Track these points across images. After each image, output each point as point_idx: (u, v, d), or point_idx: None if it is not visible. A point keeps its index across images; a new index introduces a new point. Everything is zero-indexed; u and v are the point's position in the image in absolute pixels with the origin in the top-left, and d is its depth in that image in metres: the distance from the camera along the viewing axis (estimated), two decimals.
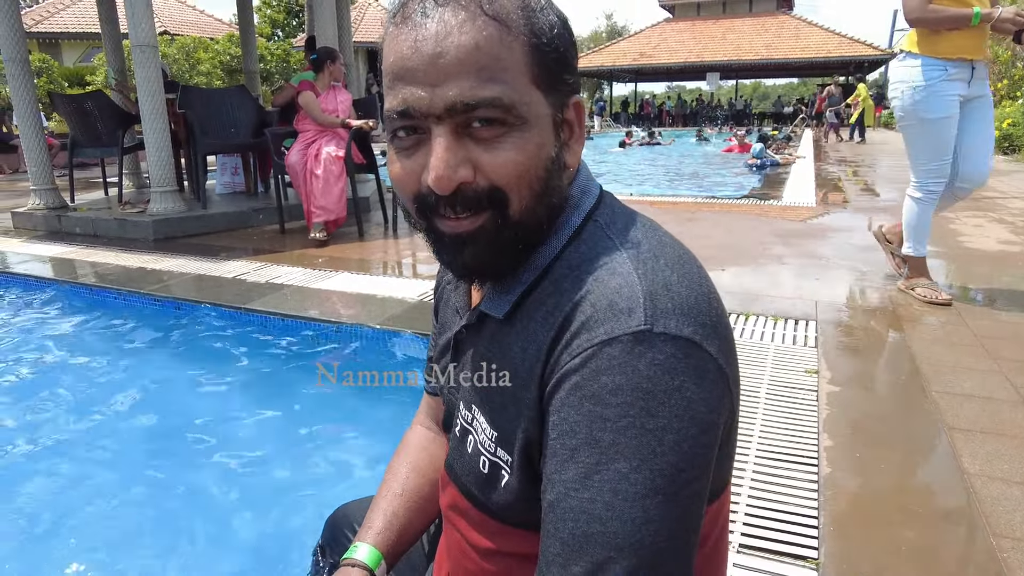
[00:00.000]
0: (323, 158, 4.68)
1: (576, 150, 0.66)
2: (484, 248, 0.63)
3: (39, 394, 2.65)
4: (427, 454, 0.95)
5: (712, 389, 0.56)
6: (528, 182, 0.60)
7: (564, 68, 0.62)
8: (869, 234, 4.93)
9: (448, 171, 0.58)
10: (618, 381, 0.53)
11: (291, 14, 27.82)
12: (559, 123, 0.62)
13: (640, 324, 0.54)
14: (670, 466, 0.52)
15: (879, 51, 26.46)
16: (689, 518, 0.54)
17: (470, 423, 0.71)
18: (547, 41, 0.60)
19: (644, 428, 0.53)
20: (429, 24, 0.57)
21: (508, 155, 0.59)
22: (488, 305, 0.68)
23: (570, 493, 0.54)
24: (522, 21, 0.59)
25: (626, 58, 30.64)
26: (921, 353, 2.52)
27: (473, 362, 0.71)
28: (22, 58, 5.55)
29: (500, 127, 0.58)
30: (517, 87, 0.58)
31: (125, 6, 4.83)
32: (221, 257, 4.33)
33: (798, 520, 1.55)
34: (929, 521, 1.55)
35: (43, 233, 5.52)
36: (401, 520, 0.88)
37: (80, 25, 20.94)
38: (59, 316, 3.58)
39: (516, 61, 0.58)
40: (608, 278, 0.58)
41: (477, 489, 0.70)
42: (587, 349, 0.55)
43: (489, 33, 0.57)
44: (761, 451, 1.84)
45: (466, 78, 0.56)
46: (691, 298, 0.58)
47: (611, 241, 0.62)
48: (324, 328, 2.98)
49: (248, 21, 8.24)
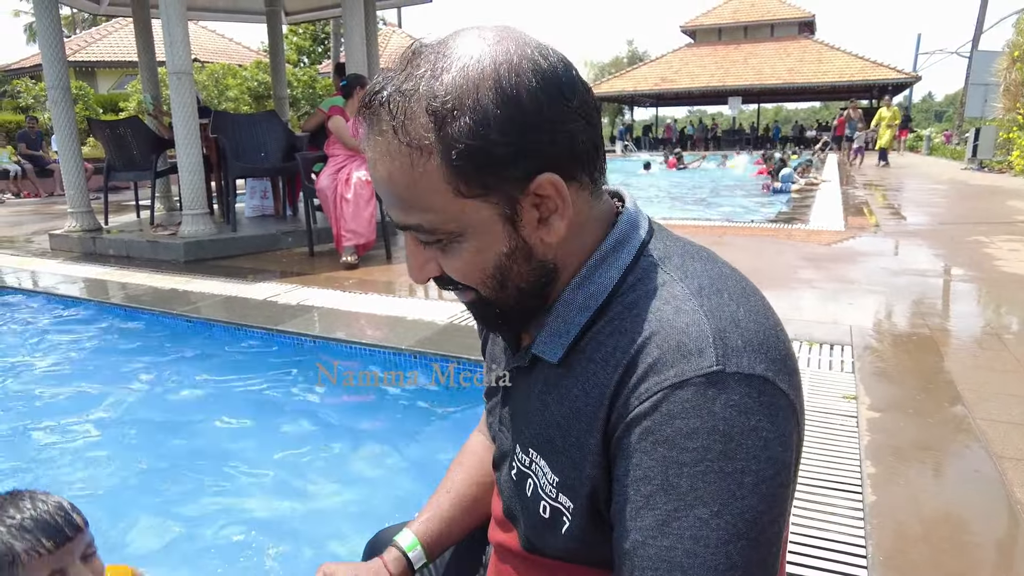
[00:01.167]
0: (353, 182, 4.75)
1: (556, 225, 0.60)
2: (482, 314, 0.68)
3: (72, 411, 2.69)
4: (478, 459, 0.96)
5: (785, 426, 0.55)
6: (479, 280, 0.62)
7: (502, 165, 0.56)
8: (900, 258, 4.87)
9: (414, 273, 0.65)
10: (693, 425, 0.52)
11: (317, 41, 28.46)
12: (513, 215, 0.58)
13: (712, 365, 0.53)
14: (751, 509, 0.52)
15: (903, 74, 26.32)
16: (770, 561, 0.53)
17: (528, 467, 0.69)
18: (460, 152, 0.54)
19: (723, 472, 0.51)
20: (367, 148, 0.60)
21: (453, 263, 0.62)
22: (540, 348, 0.65)
23: (648, 541, 0.53)
24: (432, 140, 0.54)
25: (647, 83, 30.82)
26: (963, 379, 2.46)
27: (528, 404, 0.69)
28: (64, 85, 5.73)
29: (439, 242, 0.61)
30: (439, 208, 0.57)
31: (163, 35, 4.99)
32: (251, 279, 4.38)
33: (845, 549, 1.51)
34: (981, 552, 1.50)
35: (78, 254, 5.64)
36: (445, 513, 0.92)
37: (115, 54, 21.62)
38: (92, 334, 3.64)
39: (430, 183, 0.56)
40: (674, 317, 0.56)
41: (535, 535, 0.69)
42: (657, 392, 0.54)
43: (400, 163, 0.56)
44: (803, 477, 1.80)
45: (392, 206, 0.60)
46: (760, 333, 0.56)
47: (669, 276, 0.61)
48: (356, 350, 3.00)
49: (278, 49, 8.45)
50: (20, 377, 3.10)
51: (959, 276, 4.26)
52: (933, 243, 5.41)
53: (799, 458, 0.62)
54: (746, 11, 31.98)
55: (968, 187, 10.67)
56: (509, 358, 0.75)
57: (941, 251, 5.08)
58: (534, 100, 0.55)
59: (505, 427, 0.75)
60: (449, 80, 0.54)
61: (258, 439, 2.44)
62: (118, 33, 22.36)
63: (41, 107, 15.04)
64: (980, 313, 3.41)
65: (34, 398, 2.84)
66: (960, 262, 4.69)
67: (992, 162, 14.01)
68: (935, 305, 3.53)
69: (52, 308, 4.10)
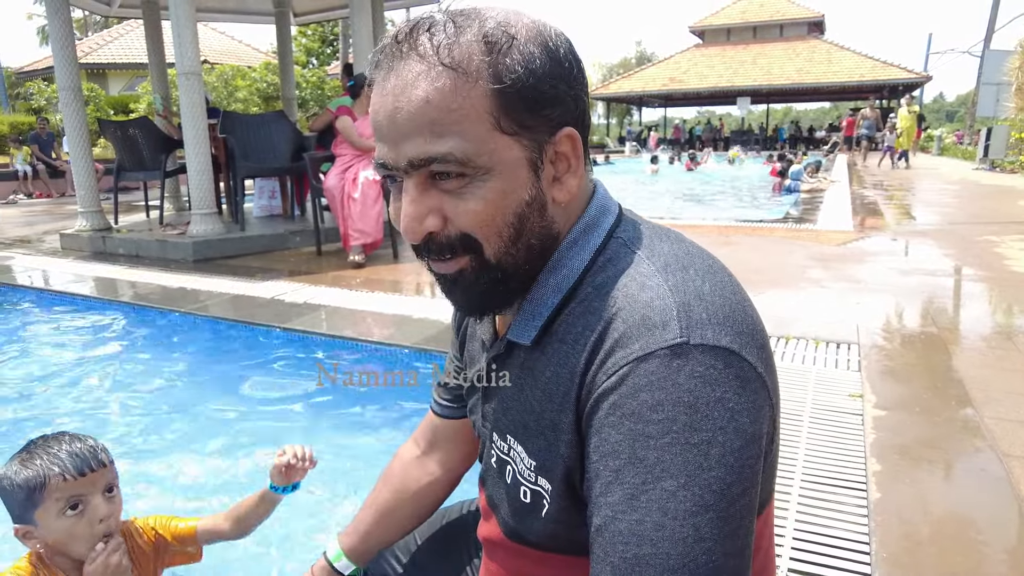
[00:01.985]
0: (360, 182, 4.77)
1: (570, 184, 0.62)
2: (470, 288, 0.64)
3: (78, 409, 2.71)
4: (402, 469, 1.00)
5: (754, 398, 0.54)
6: (496, 229, 0.60)
7: (541, 105, 0.58)
8: (908, 258, 4.85)
9: (412, 223, 0.60)
10: (658, 397, 0.52)
11: (325, 42, 28.58)
12: (538, 162, 0.60)
13: (676, 337, 0.53)
14: (718, 480, 0.51)
15: (914, 74, 26.14)
16: (742, 533, 0.52)
17: (507, 454, 0.69)
18: (513, 82, 0.56)
19: (688, 443, 0.51)
20: (390, 79, 0.57)
21: (470, 205, 0.59)
22: (515, 333, 0.66)
23: (618, 516, 0.53)
24: (484, 65, 0.56)
25: (656, 83, 30.74)
26: (971, 378, 2.44)
27: (505, 392, 0.70)
28: (75, 87, 5.78)
29: (462, 178, 0.58)
30: (474, 137, 0.56)
31: (172, 36, 5.02)
32: (259, 278, 4.41)
33: (848, 546, 1.50)
34: (987, 551, 1.49)
35: (88, 253, 5.69)
36: (367, 526, 0.98)
37: (125, 56, 21.81)
38: (101, 332, 3.68)
39: (474, 110, 0.56)
40: (638, 292, 0.57)
41: (516, 520, 0.69)
42: (623, 366, 0.54)
43: (442, 84, 0.55)
44: (807, 475, 1.80)
45: (419, 134, 0.57)
46: (726, 307, 0.56)
47: (636, 255, 0.61)
48: (363, 347, 3.01)
49: (287, 50, 8.49)
50: (30, 373, 3.13)
51: (968, 276, 4.24)
52: (943, 243, 5.38)
53: (775, 434, 0.62)
54: (755, 11, 31.84)
55: (979, 187, 10.59)
56: (487, 351, 0.75)
57: (951, 251, 5.04)
58: (566, 59, 0.60)
59: (488, 420, 0.75)
60: (500, 20, 0.58)
61: (259, 438, 2.45)
62: (129, 35, 22.55)
63: (53, 109, 15.20)
64: (989, 313, 3.39)
65: (42, 395, 2.86)
66: (970, 262, 4.65)
67: (1004, 162, 13.90)
68: (943, 305, 3.50)
69: (63, 306, 4.14)
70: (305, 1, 8.60)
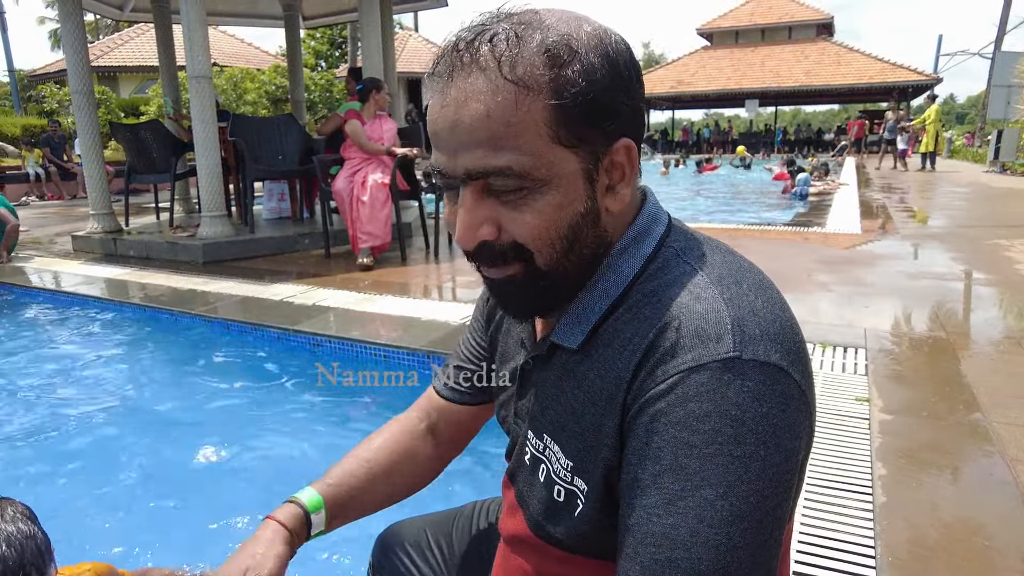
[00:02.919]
0: (369, 185, 4.79)
1: (623, 193, 0.63)
2: (519, 295, 0.65)
3: (85, 406, 2.74)
4: (406, 440, 0.95)
5: (796, 416, 0.55)
6: (549, 241, 0.61)
7: (600, 117, 0.59)
8: (917, 262, 4.83)
9: (467, 232, 0.61)
10: (706, 408, 0.53)
11: (334, 45, 28.70)
12: (594, 173, 0.61)
13: (729, 351, 0.54)
14: (756, 493, 0.52)
15: (924, 76, 25.99)
16: (771, 544, 0.54)
17: (542, 452, 0.70)
18: (574, 96, 0.57)
19: (732, 455, 0.52)
20: (451, 89, 0.57)
21: (526, 218, 0.59)
22: (560, 336, 0.67)
23: (652, 519, 0.54)
24: (545, 79, 0.56)
25: (663, 85, 30.68)
26: (978, 383, 2.44)
27: (544, 392, 0.70)
28: (87, 90, 5.85)
29: (519, 191, 0.58)
30: (532, 151, 0.57)
31: (183, 39, 5.07)
32: (268, 280, 4.44)
33: (853, 549, 1.51)
34: (994, 556, 1.49)
35: (99, 255, 5.75)
36: (357, 482, 0.89)
37: (136, 59, 21.96)
38: (111, 333, 3.71)
39: (533, 123, 0.56)
40: (693, 304, 0.58)
41: (546, 518, 0.69)
42: (674, 375, 0.55)
43: (503, 98, 0.56)
44: (812, 477, 1.80)
45: (478, 147, 0.57)
46: (776, 323, 0.57)
47: (689, 266, 0.62)
48: (370, 349, 3.03)
49: (296, 53, 8.54)
50: (40, 373, 3.17)
51: (977, 280, 4.22)
52: (951, 246, 5.35)
53: (809, 450, 0.63)
54: (763, 13, 31.75)
55: (989, 190, 10.53)
56: (526, 350, 0.76)
57: (959, 254, 5.02)
58: (626, 69, 0.60)
59: (521, 418, 0.76)
60: (562, 31, 0.58)
61: (263, 437, 2.48)
62: (140, 38, 22.71)
63: (65, 111, 15.33)
64: (998, 317, 3.37)
65: (52, 394, 2.90)
66: (978, 265, 4.63)
67: (1015, 164, 13.80)
68: (951, 308, 3.49)
69: (74, 307, 4.18)
70: (314, 4, 8.66)
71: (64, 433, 2.53)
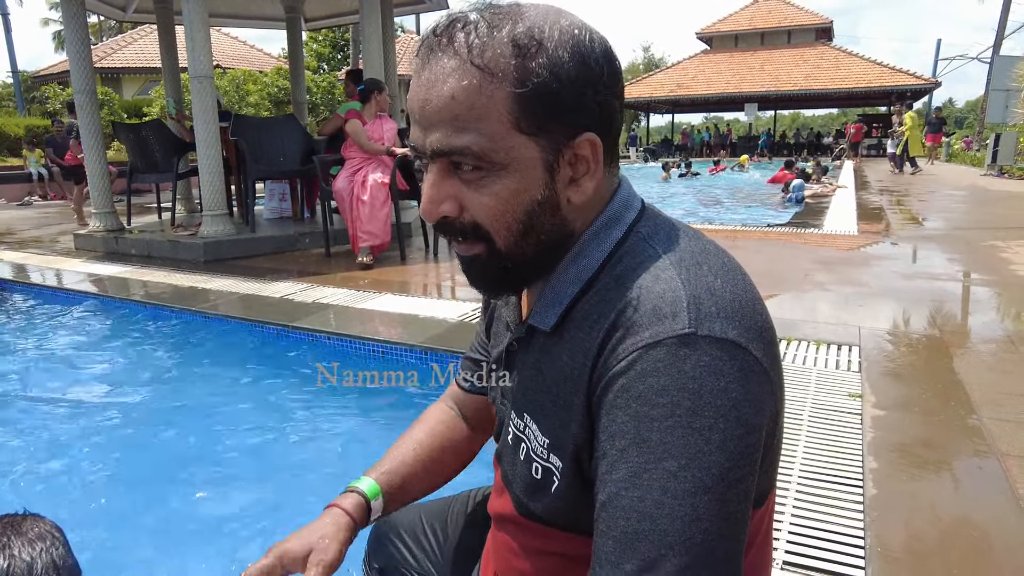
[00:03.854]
0: (369, 184, 4.83)
1: (586, 186, 0.65)
2: (483, 272, 0.68)
3: (95, 405, 2.77)
4: (444, 426, 0.99)
5: (757, 391, 0.57)
6: (505, 224, 0.63)
7: (563, 110, 0.61)
8: (913, 262, 4.86)
9: (429, 205, 0.64)
10: (663, 382, 0.55)
11: (336, 48, 28.77)
12: (554, 163, 0.63)
13: (684, 327, 0.56)
14: (717, 465, 0.53)
15: (922, 80, 26.06)
16: (737, 517, 0.55)
17: (522, 431, 0.73)
18: (535, 86, 0.59)
19: (691, 427, 0.54)
20: (424, 70, 0.61)
21: (483, 199, 0.63)
22: (536, 319, 0.70)
23: (621, 492, 0.55)
24: (511, 68, 0.59)
25: (663, 89, 30.76)
26: (971, 380, 2.47)
27: (524, 373, 0.74)
28: (90, 90, 5.88)
29: (479, 171, 0.62)
30: (492, 135, 0.60)
31: (185, 40, 5.11)
32: (268, 278, 4.47)
33: (843, 540, 1.53)
34: (983, 546, 1.51)
35: (101, 254, 5.77)
36: (408, 468, 0.93)
37: (139, 61, 22.02)
38: (112, 330, 3.74)
39: (495, 109, 0.59)
40: (652, 284, 0.60)
41: (527, 495, 0.72)
42: (633, 352, 0.57)
43: (469, 82, 0.58)
44: (805, 471, 1.83)
45: (443, 126, 0.60)
46: (735, 302, 0.59)
47: (654, 250, 0.64)
48: (369, 346, 3.06)
49: (298, 55, 8.58)
50: (42, 370, 3.19)
51: (972, 280, 4.24)
52: (947, 248, 5.38)
53: (778, 427, 0.64)
54: (763, 17, 31.83)
55: (987, 193, 10.56)
56: (511, 333, 0.79)
57: (955, 256, 5.05)
58: (597, 65, 0.62)
59: (506, 398, 0.79)
60: (532, 23, 0.60)
61: (262, 435, 2.50)
62: (142, 40, 22.77)
63: (67, 113, 15.35)
64: (992, 316, 3.40)
65: (54, 392, 2.92)
66: (974, 266, 4.66)
67: (1012, 168, 13.83)
68: (946, 308, 3.52)
69: (75, 305, 4.21)
70: (316, 6, 8.70)
71: (63, 429, 2.55)
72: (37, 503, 1.55)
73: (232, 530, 1.87)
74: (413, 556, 1.06)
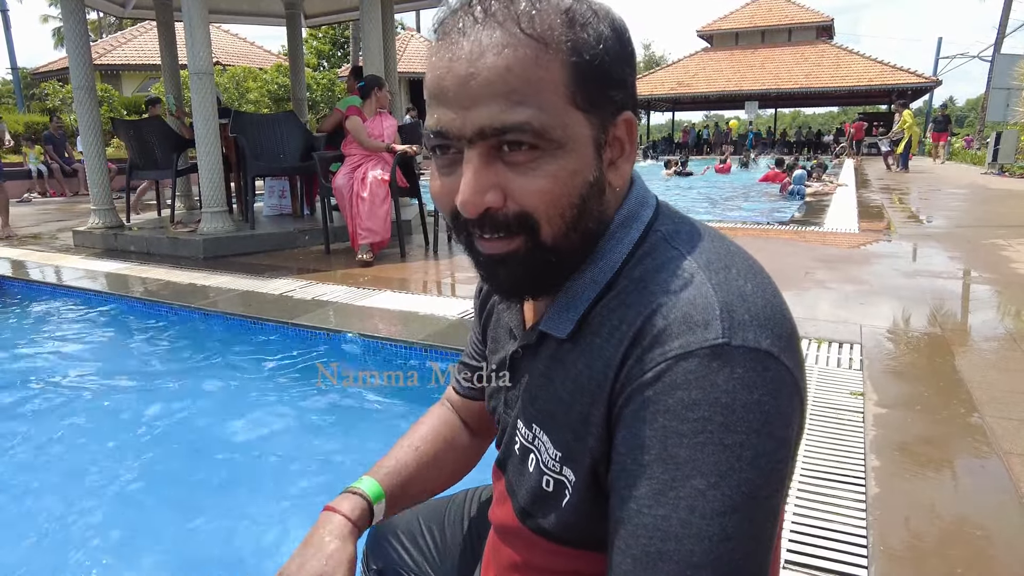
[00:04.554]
0: (369, 181, 4.82)
1: (624, 169, 0.63)
2: (518, 270, 0.61)
3: (92, 401, 2.76)
4: (447, 428, 0.96)
5: (788, 403, 0.54)
6: (560, 210, 0.58)
7: (610, 85, 0.58)
8: (914, 260, 4.85)
9: (474, 196, 0.57)
10: (695, 396, 0.52)
11: (336, 45, 28.74)
12: (602, 143, 0.60)
13: (717, 337, 0.52)
14: (748, 483, 0.51)
15: (923, 79, 26.02)
16: (765, 536, 0.53)
17: (531, 442, 0.69)
18: (590, 58, 0.56)
19: (722, 444, 0.51)
20: (464, 43, 0.55)
21: (538, 182, 0.57)
22: (549, 324, 0.65)
23: (643, 510, 0.53)
24: (564, 37, 0.55)
25: (664, 87, 30.71)
26: (973, 378, 2.46)
27: (531, 381, 0.70)
28: (90, 87, 5.87)
29: (532, 151, 0.56)
30: (551, 109, 0.55)
31: (185, 36, 5.09)
32: (268, 275, 4.46)
33: (846, 539, 1.53)
34: (985, 544, 1.51)
35: (100, 250, 5.76)
36: (410, 471, 0.89)
37: (139, 58, 21.99)
38: (112, 326, 3.73)
39: (552, 82, 0.55)
40: (680, 289, 0.56)
41: (535, 507, 0.69)
42: (661, 363, 0.53)
43: (523, 53, 0.54)
44: (806, 469, 1.82)
45: (495, 102, 0.54)
46: (767, 309, 0.56)
47: (677, 251, 0.60)
48: (369, 343, 3.05)
49: (298, 52, 8.56)
50: (42, 366, 3.18)
51: (973, 278, 4.24)
52: (948, 246, 5.37)
53: (800, 438, 0.61)
54: (764, 15, 31.77)
55: (988, 191, 10.54)
56: (515, 339, 0.74)
57: (956, 253, 5.04)
58: (630, 43, 0.61)
59: (510, 407, 0.76)
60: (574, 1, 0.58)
61: (260, 433, 2.49)
62: (142, 37, 22.74)
63: (67, 109, 15.34)
64: (994, 314, 3.39)
65: (54, 389, 2.92)
66: (975, 264, 4.65)
67: (1013, 166, 13.82)
68: (947, 306, 3.51)
69: (74, 301, 4.20)
70: (316, 3, 8.68)
71: (61, 428, 2.55)
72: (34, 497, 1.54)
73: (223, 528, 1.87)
74: (411, 558, 1.04)
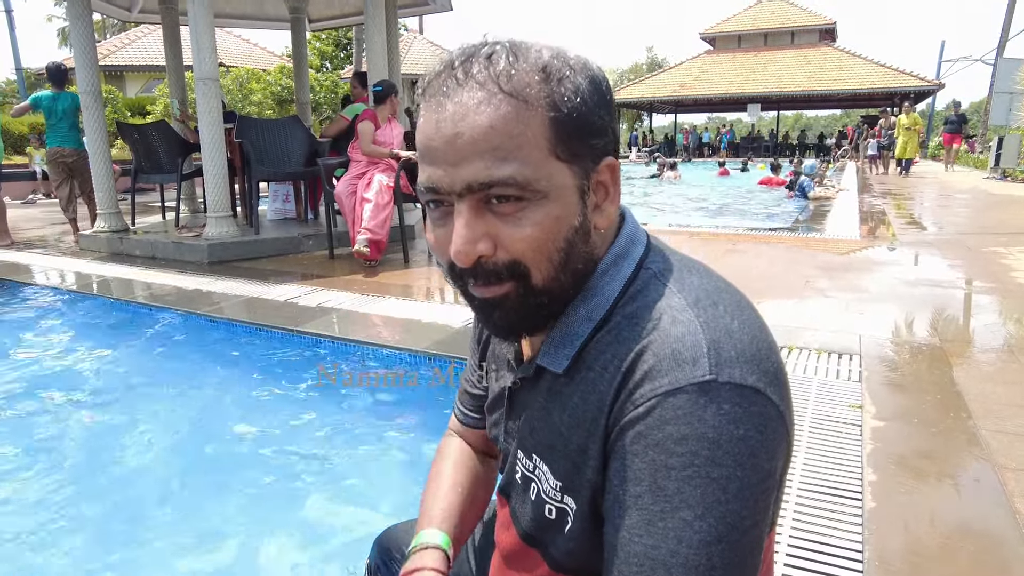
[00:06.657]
0: (375, 184, 4.85)
1: (609, 211, 0.65)
2: (511, 312, 0.65)
3: (99, 405, 2.79)
4: (473, 461, 0.98)
5: (774, 437, 0.57)
6: (547, 255, 0.61)
7: (590, 134, 0.62)
8: (914, 268, 4.87)
9: (466, 246, 0.60)
10: (683, 431, 0.54)
11: (339, 47, 28.79)
12: (586, 189, 0.62)
13: (705, 374, 0.55)
14: (733, 514, 0.54)
15: (926, 82, 26.01)
16: (750, 564, 0.56)
17: (532, 472, 0.72)
18: (568, 111, 0.60)
19: (709, 477, 0.54)
20: (448, 105, 0.59)
21: (525, 231, 0.60)
22: (546, 359, 0.68)
23: (633, 539, 0.56)
24: (542, 93, 0.59)
25: (666, 89, 30.73)
26: (971, 390, 2.48)
27: (532, 414, 0.72)
28: (95, 90, 5.91)
29: (519, 202, 0.59)
30: (533, 163, 0.58)
31: (191, 42, 5.13)
32: (272, 281, 4.49)
33: (841, 554, 1.55)
34: (977, 560, 1.53)
35: (105, 254, 5.80)
36: (458, 511, 0.91)
37: (143, 59, 22.06)
38: (115, 331, 3.76)
39: (533, 136, 0.58)
40: (670, 327, 0.59)
41: (538, 535, 0.72)
42: (651, 399, 0.56)
43: (504, 112, 0.58)
44: (804, 484, 1.85)
45: (481, 159, 0.58)
46: (753, 345, 0.59)
47: (667, 288, 0.63)
48: (372, 351, 3.08)
49: (302, 55, 8.60)
50: (45, 370, 3.21)
51: (974, 287, 4.25)
52: (949, 253, 5.39)
53: (787, 468, 0.65)
54: (766, 18, 31.78)
55: (990, 196, 10.55)
56: (513, 372, 0.77)
57: (957, 262, 5.06)
58: (608, 91, 0.64)
59: (511, 438, 0.78)
60: (550, 52, 0.61)
61: (263, 437, 2.51)
62: (147, 38, 22.80)
63: None
64: (993, 325, 3.41)
65: (54, 392, 2.95)
66: (976, 273, 4.67)
67: (1016, 171, 13.81)
68: (947, 316, 3.53)
69: (79, 305, 4.23)
70: (320, 7, 8.72)
71: (61, 428, 2.58)
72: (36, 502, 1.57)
73: (230, 531, 1.89)
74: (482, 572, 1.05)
